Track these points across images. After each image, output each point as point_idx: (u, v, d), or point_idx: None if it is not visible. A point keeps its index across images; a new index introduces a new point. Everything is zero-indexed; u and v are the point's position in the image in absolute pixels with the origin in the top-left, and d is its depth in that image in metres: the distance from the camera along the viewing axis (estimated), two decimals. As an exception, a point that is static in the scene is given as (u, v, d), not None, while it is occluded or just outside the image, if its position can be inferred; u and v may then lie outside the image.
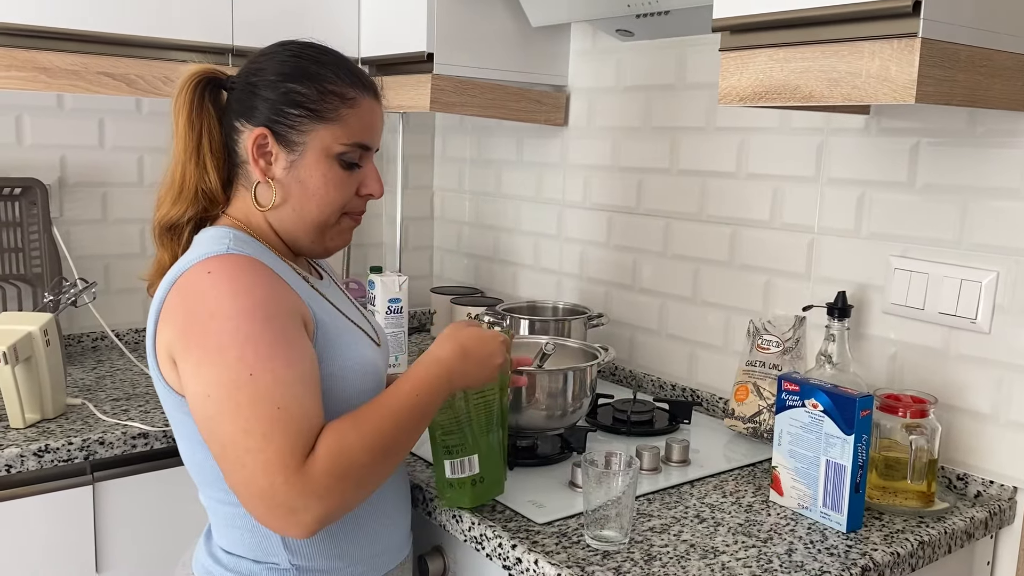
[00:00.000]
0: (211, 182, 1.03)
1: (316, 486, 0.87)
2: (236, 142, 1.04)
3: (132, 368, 1.78)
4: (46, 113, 1.84)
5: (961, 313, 1.29)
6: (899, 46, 0.99)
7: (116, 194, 1.94)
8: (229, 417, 0.87)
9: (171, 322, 0.94)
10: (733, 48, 1.15)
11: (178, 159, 1.03)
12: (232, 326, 0.89)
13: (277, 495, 0.86)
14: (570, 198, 1.98)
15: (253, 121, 1.01)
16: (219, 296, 0.91)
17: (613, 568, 1.02)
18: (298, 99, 1.00)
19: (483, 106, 1.80)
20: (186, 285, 0.94)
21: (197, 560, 1.05)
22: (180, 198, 1.03)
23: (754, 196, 1.59)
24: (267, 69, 1.03)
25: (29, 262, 1.78)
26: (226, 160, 1.05)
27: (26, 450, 1.32)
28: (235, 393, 0.87)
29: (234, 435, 0.87)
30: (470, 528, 1.14)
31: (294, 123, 1.00)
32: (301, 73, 1.01)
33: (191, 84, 1.02)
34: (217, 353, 0.89)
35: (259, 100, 1.01)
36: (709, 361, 1.69)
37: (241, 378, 0.88)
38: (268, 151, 1.02)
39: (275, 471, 0.86)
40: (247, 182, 1.05)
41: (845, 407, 1.13)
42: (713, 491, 1.27)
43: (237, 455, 0.87)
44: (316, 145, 1.01)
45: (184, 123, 1.02)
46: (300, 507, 0.86)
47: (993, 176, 1.27)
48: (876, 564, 1.07)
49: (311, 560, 1.00)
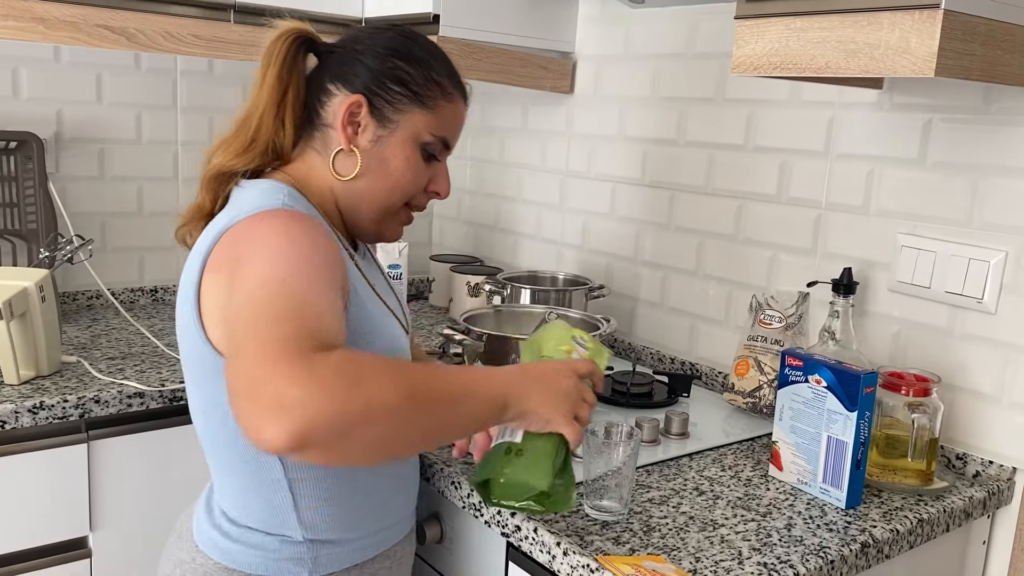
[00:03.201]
0: (284, 138, 1.02)
1: (317, 380, 0.72)
2: (324, 104, 1.02)
3: (128, 327, 1.76)
4: (43, 66, 1.81)
5: (968, 293, 1.28)
6: (920, 17, 0.97)
7: (114, 151, 1.91)
8: (246, 310, 0.80)
9: (220, 268, 0.90)
10: (749, 16, 1.13)
11: (255, 111, 1.01)
12: (281, 255, 0.85)
13: (268, 380, 0.72)
14: (574, 167, 1.96)
15: (350, 87, 1.00)
16: (274, 234, 0.88)
17: (612, 538, 1.02)
18: (403, 77, 1.00)
19: (488, 71, 1.77)
20: (239, 230, 0.91)
21: (201, 532, 1.02)
22: (248, 149, 1.00)
23: (761, 169, 1.57)
24: (376, 42, 1.02)
25: (24, 217, 1.75)
26: (303, 121, 1.03)
27: (20, 406, 1.30)
28: (257, 291, 0.81)
29: (245, 326, 0.79)
30: (469, 495, 1.14)
31: (393, 99, 1.00)
32: (410, 54, 1.01)
33: (288, 38, 1.00)
34: (258, 264, 0.84)
35: (362, 68, 1.00)
36: (710, 335, 1.69)
37: (272, 280, 0.82)
38: (358, 120, 1.00)
39: (276, 354, 0.74)
40: (321, 146, 1.02)
41: (849, 384, 1.12)
42: (712, 464, 1.27)
43: (239, 343, 0.77)
44: (408, 127, 1.01)
45: (274, 76, 0.99)
46: (288, 402, 0.71)
47: (1006, 155, 1.25)
48: (875, 540, 1.07)
49: (323, 532, 0.99)
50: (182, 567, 1.01)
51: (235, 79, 2.05)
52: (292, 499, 0.97)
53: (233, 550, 0.99)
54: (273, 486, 0.97)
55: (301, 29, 1.01)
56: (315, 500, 0.98)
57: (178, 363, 1.55)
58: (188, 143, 2.01)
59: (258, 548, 0.98)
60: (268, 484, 0.97)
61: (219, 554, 0.99)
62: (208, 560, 1.00)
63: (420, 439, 0.82)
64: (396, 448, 0.80)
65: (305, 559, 0.99)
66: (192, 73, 1.99)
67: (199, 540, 1.02)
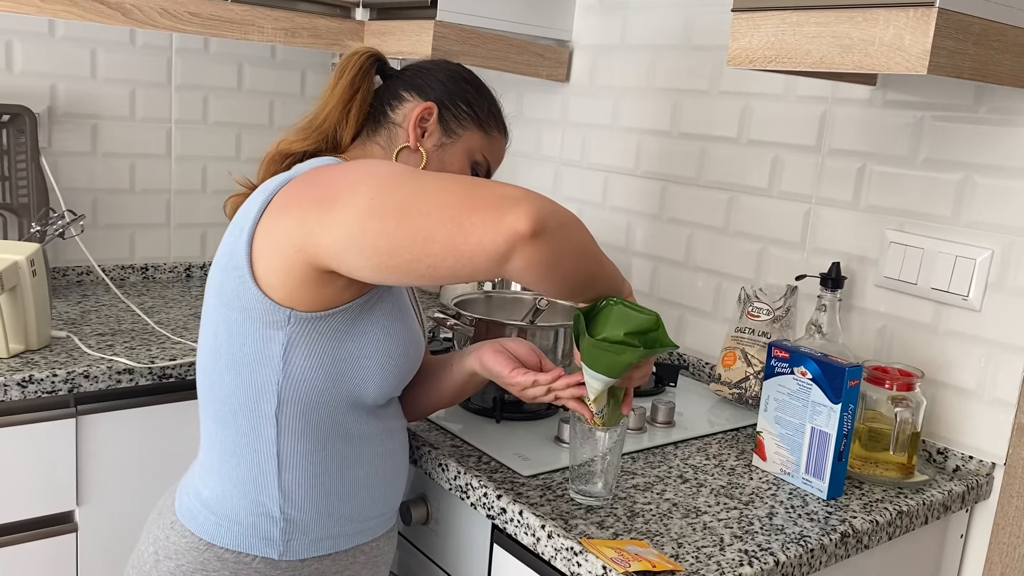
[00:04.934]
0: (345, 128, 1.10)
1: (521, 189, 0.83)
2: (394, 107, 1.12)
3: (118, 304, 1.76)
4: (37, 40, 1.80)
5: (953, 290, 1.30)
6: (915, 15, 0.97)
7: (107, 127, 1.91)
8: (423, 189, 0.83)
9: (286, 207, 0.90)
10: (746, 9, 1.14)
11: (325, 106, 1.10)
12: (381, 169, 0.88)
13: (479, 192, 0.82)
14: (568, 156, 1.96)
15: (424, 95, 1.12)
16: (358, 165, 0.90)
17: (596, 522, 1.03)
18: (471, 100, 1.14)
19: (485, 56, 1.77)
20: (311, 176, 0.92)
21: (182, 503, 1.03)
22: (311, 133, 1.09)
23: (754, 163, 1.58)
24: (445, 69, 1.15)
25: (16, 191, 1.75)
26: (366, 120, 1.12)
27: (9, 380, 1.30)
28: (408, 178, 0.85)
29: (442, 199, 0.82)
30: (455, 477, 1.15)
31: (459, 115, 1.13)
32: (476, 86, 1.16)
33: (364, 54, 1.11)
34: (370, 177, 0.86)
35: (436, 82, 1.13)
36: (697, 326, 1.70)
37: (406, 176, 0.86)
38: (426, 125, 1.11)
39: (499, 193, 0.82)
40: (386, 141, 1.11)
41: (834, 376, 1.13)
42: (696, 453, 1.28)
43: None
44: (467, 142, 1.13)
45: (347, 81, 1.10)
46: (512, 194, 0.81)
47: (995, 154, 1.27)
48: (855, 531, 1.08)
49: (301, 511, 0.99)
50: (155, 544, 1.02)
51: (230, 58, 2.05)
52: (277, 465, 0.98)
53: (209, 522, 0.99)
54: (262, 447, 0.97)
55: (375, 51, 1.13)
56: (297, 474, 0.98)
57: (167, 340, 1.55)
58: (181, 121, 2.01)
59: (234, 522, 0.99)
60: (258, 443, 0.97)
61: (196, 525, 1.00)
62: (181, 539, 1.00)
63: (589, 266, 0.91)
64: (585, 263, 0.89)
65: (277, 541, 0.99)
66: (187, 51, 1.98)
67: (179, 511, 1.02)
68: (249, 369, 0.95)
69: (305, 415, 0.96)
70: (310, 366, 0.94)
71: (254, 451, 0.98)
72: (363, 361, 0.97)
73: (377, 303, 0.97)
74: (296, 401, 0.95)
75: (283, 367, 0.94)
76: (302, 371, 0.94)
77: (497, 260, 0.81)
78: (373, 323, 0.97)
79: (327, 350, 0.94)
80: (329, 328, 0.94)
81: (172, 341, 1.56)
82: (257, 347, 0.94)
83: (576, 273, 0.89)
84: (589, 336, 0.95)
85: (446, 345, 1.59)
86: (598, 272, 0.93)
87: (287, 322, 0.92)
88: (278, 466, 0.98)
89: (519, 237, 0.80)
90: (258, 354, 0.94)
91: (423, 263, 0.83)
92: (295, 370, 0.94)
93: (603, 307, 0.97)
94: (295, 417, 0.96)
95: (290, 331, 0.93)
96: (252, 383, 0.95)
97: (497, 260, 0.81)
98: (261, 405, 0.96)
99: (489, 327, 1.31)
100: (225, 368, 0.97)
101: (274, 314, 0.92)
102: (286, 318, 0.92)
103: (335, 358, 0.95)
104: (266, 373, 0.94)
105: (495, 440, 1.24)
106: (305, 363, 0.94)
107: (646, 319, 0.95)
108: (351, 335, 0.95)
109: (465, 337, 1.32)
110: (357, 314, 0.95)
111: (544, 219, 0.81)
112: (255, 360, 0.94)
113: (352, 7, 1.87)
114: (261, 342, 0.93)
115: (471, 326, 1.31)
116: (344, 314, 0.94)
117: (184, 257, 2.08)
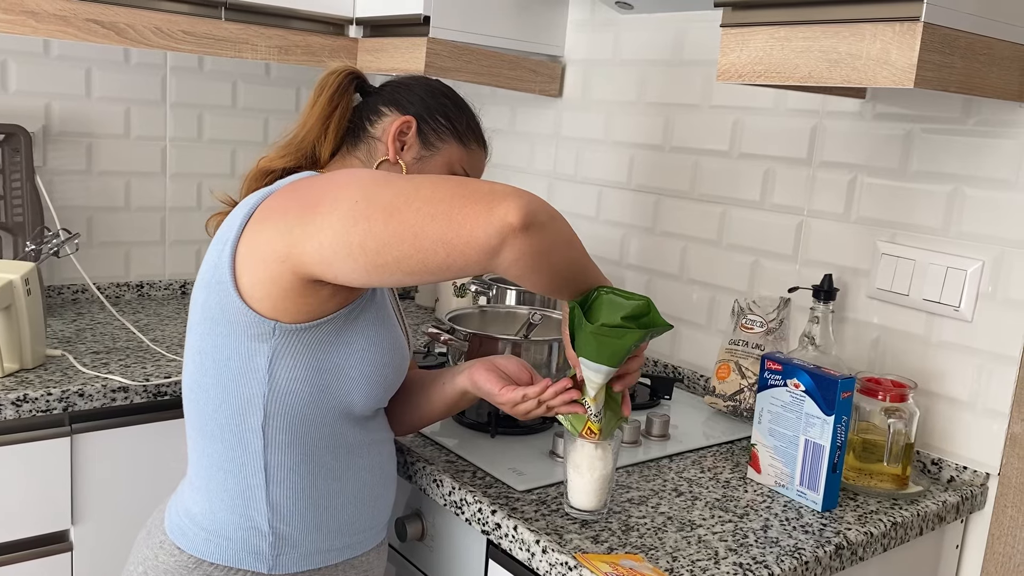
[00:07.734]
0: (324, 144, 1.11)
1: (509, 186, 0.85)
2: (373, 123, 1.12)
3: (113, 322, 1.77)
4: (32, 59, 1.81)
5: (945, 300, 1.31)
6: (901, 29, 0.99)
7: (101, 146, 1.91)
8: (409, 188, 0.85)
9: (270, 216, 0.91)
10: (734, 24, 1.15)
11: (304, 124, 1.11)
12: (363, 174, 0.90)
13: (469, 189, 0.83)
14: (561, 171, 1.97)
15: (403, 110, 1.12)
16: (338, 175, 0.91)
17: (591, 536, 1.03)
18: (449, 114, 1.14)
19: (478, 72, 1.78)
20: (294, 186, 0.93)
21: (170, 522, 1.03)
22: (290, 150, 1.09)
23: (746, 176, 1.59)
24: (424, 84, 1.16)
25: (11, 210, 1.75)
26: (345, 135, 1.13)
27: (4, 399, 1.30)
28: (392, 180, 0.86)
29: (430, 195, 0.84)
30: (450, 493, 1.15)
31: (438, 129, 1.13)
32: (454, 100, 1.16)
33: (343, 73, 1.11)
34: (353, 181, 0.88)
35: (415, 97, 1.13)
36: (692, 339, 1.70)
37: (390, 178, 0.87)
38: (405, 138, 1.11)
39: (487, 188, 0.84)
40: (365, 155, 1.12)
41: (827, 388, 1.14)
42: (691, 466, 1.28)
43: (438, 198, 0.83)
44: (446, 155, 1.14)
45: (326, 98, 1.10)
46: (501, 190, 0.83)
47: (984, 166, 1.28)
48: (849, 543, 1.08)
49: (290, 525, 0.99)
50: (144, 564, 1.02)
51: (225, 76, 2.05)
52: (264, 478, 0.98)
53: (199, 538, 0.99)
54: (249, 461, 0.97)
55: (354, 69, 1.13)
56: (285, 488, 0.99)
57: (162, 358, 1.56)
58: (176, 139, 2.02)
59: (223, 537, 0.99)
60: (245, 457, 0.97)
61: (185, 542, 1.00)
62: (170, 557, 1.00)
63: (577, 259, 0.93)
64: (574, 255, 0.92)
65: (267, 555, 0.99)
66: (182, 69, 1.99)
67: (168, 528, 1.03)
68: (235, 383, 0.95)
69: (292, 427, 0.97)
70: (296, 378, 0.95)
71: (241, 465, 0.98)
72: (349, 371, 0.97)
73: (361, 313, 0.98)
74: (282, 414, 0.96)
75: (269, 380, 0.94)
76: (288, 383, 0.94)
77: (488, 252, 0.82)
78: (358, 333, 0.97)
79: (312, 361, 0.95)
80: (314, 339, 0.94)
81: (167, 359, 1.56)
82: (242, 360, 0.94)
83: (565, 265, 0.91)
84: (589, 324, 0.96)
85: (440, 360, 1.59)
86: (586, 264, 0.95)
87: (272, 334, 0.93)
88: (266, 479, 0.98)
89: (510, 229, 0.81)
90: (243, 367, 0.94)
91: (413, 259, 0.84)
92: (281, 382, 0.94)
93: (595, 297, 0.98)
94: (282, 430, 0.96)
95: (275, 343, 0.93)
96: (238, 397, 0.95)
97: (488, 252, 0.82)
98: (247, 419, 0.96)
99: (483, 342, 1.31)
100: (211, 383, 0.97)
101: (259, 327, 0.92)
102: (271, 330, 0.92)
103: (321, 369, 0.95)
104: (252, 386, 0.94)
105: (490, 455, 1.24)
106: (291, 375, 0.94)
107: (638, 304, 0.97)
108: (336, 346, 0.96)
109: (459, 352, 1.32)
110: (342, 324, 0.96)
111: (534, 212, 0.82)
112: (240, 374, 0.94)
113: (345, 24, 1.89)
114: (246, 355, 0.94)
115: (465, 341, 1.31)
116: (329, 325, 0.95)
117: (179, 274, 2.08)
